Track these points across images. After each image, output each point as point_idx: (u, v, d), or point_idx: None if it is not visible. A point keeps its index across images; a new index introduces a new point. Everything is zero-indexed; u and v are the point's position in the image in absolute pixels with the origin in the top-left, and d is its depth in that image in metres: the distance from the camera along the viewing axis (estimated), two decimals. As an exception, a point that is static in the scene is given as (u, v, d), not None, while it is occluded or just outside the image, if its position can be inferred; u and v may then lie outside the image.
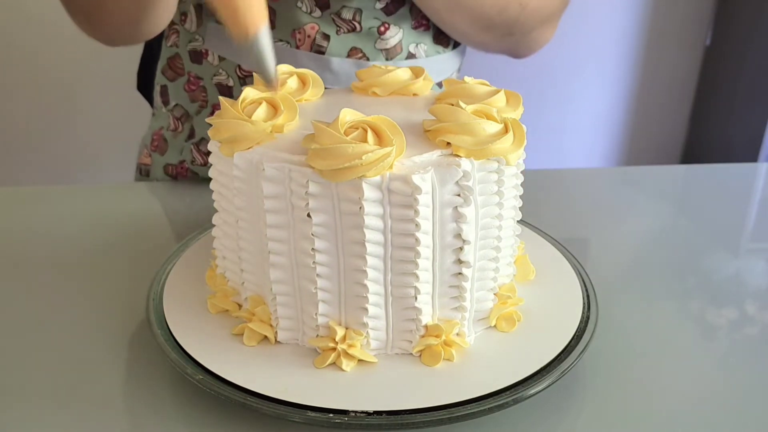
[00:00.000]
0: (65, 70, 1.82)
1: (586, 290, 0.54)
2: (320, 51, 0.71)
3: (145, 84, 0.96)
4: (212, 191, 0.51)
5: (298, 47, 0.71)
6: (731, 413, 0.47)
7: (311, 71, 0.56)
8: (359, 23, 0.70)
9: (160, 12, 0.66)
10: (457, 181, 0.43)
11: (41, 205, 0.76)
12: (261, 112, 0.47)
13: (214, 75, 0.76)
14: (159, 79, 0.83)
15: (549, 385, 0.44)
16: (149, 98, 0.97)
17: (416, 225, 0.43)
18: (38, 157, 1.93)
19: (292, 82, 0.54)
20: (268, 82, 0.45)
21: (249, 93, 0.49)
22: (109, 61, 1.75)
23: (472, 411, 0.42)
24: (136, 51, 0.97)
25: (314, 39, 0.71)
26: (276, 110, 0.48)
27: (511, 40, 0.75)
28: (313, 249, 0.44)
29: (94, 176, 1.96)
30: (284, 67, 0.56)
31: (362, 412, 0.42)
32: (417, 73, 0.57)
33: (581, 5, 1.92)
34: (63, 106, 1.88)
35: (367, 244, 0.43)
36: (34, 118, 1.88)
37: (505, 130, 0.45)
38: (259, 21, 0.43)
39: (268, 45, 0.44)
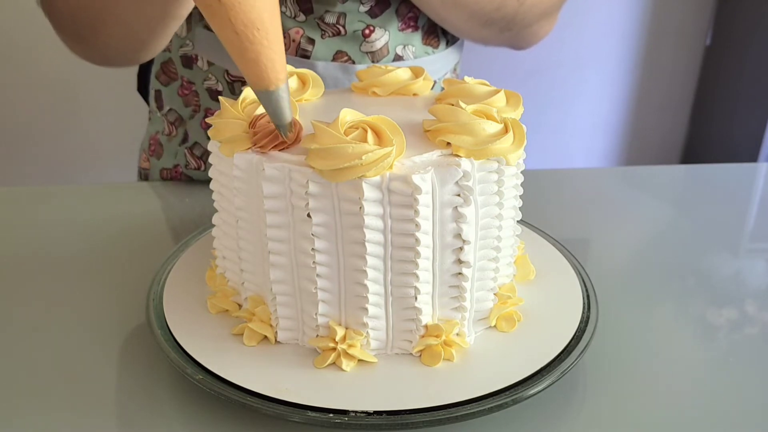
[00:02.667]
0: (66, 70, 1.82)
1: (586, 290, 0.54)
2: (305, 55, 0.71)
3: (145, 86, 0.96)
4: (212, 191, 0.51)
5: None
6: (731, 413, 0.47)
7: (311, 72, 0.56)
8: (343, 27, 0.70)
9: (167, 35, 0.65)
10: (457, 181, 0.43)
11: (41, 205, 0.76)
12: (261, 112, 0.47)
13: (205, 80, 0.76)
14: (153, 84, 0.83)
15: (549, 385, 0.44)
16: (149, 100, 0.97)
17: (416, 225, 0.43)
18: (38, 157, 1.93)
19: (292, 82, 0.54)
20: (282, 132, 0.44)
21: (249, 93, 0.49)
22: (109, 61, 1.75)
23: (472, 411, 0.42)
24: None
25: (299, 43, 0.70)
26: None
27: (510, 34, 0.74)
28: (313, 249, 0.44)
29: (95, 176, 1.96)
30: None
31: (362, 412, 0.42)
32: (417, 73, 0.57)
33: (581, 5, 1.92)
34: (63, 106, 1.88)
35: (367, 244, 0.43)
36: (35, 118, 1.88)
37: (505, 130, 0.45)
38: (280, 76, 0.42)
39: (287, 98, 0.43)
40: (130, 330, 0.53)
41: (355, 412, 0.42)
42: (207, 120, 0.49)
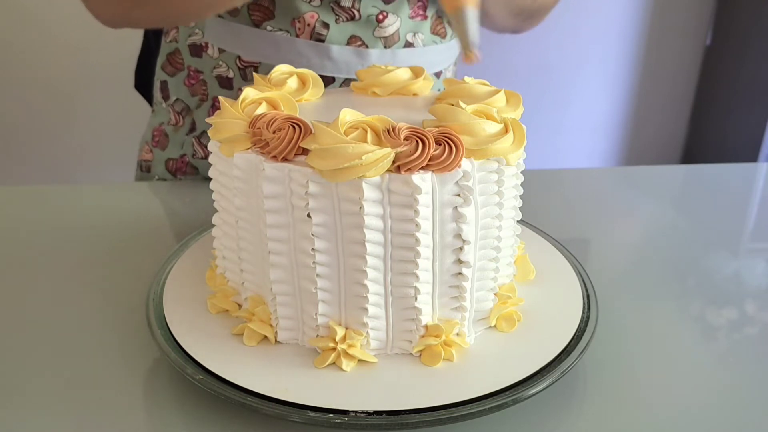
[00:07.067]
0: (64, 70, 1.82)
1: (586, 290, 0.54)
2: (320, 39, 0.72)
3: (142, 82, 0.96)
4: (212, 191, 0.51)
5: (297, 36, 0.72)
6: (731, 413, 0.47)
7: (311, 71, 0.56)
8: (358, 11, 0.71)
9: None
10: (457, 181, 0.43)
11: (41, 205, 0.76)
12: (261, 112, 0.47)
13: (215, 68, 0.77)
14: (158, 75, 0.84)
15: (549, 385, 0.44)
16: (147, 96, 0.97)
17: (416, 225, 0.43)
18: (38, 157, 1.93)
19: (292, 82, 0.54)
20: (469, 48, 0.49)
21: (249, 93, 0.49)
22: (107, 60, 1.76)
23: (472, 411, 0.42)
24: (134, 49, 0.97)
25: (314, 27, 0.71)
26: (276, 110, 0.48)
27: (530, 21, 0.78)
28: (313, 249, 0.44)
29: (94, 175, 1.96)
30: (284, 67, 0.56)
31: (362, 412, 0.42)
32: (417, 73, 0.57)
33: (582, 5, 1.92)
34: (62, 106, 1.88)
35: (367, 244, 0.43)
36: (33, 117, 1.88)
37: (505, 130, 0.45)
38: None
39: (475, 18, 0.49)
40: (130, 330, 0.53)
41: (355, 412, 0.42)
42: (207, 120, 0.49)
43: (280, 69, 0.55)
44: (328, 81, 0.74)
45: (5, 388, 0.48)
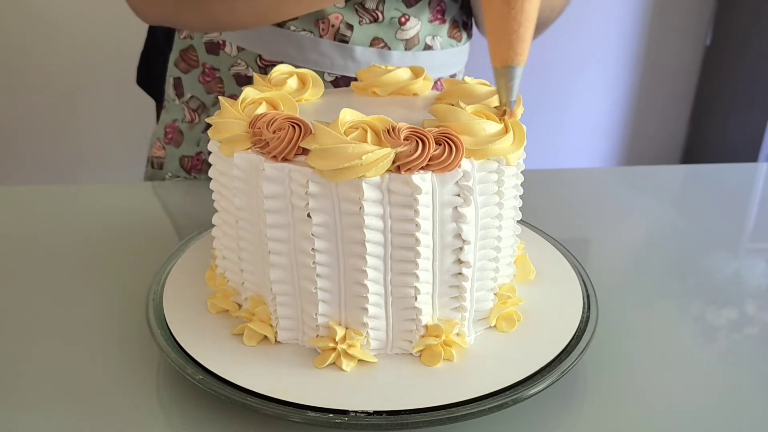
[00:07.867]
0: (65, 69, 1.82)
1: (586, 290, 0.54)
2: (344, 40, 0.73)
3: (146, 78, 0.96)
4: (213, 191, 0.51)
5: (321, 36, 0.73)
6: (731, 413, 0.47)
7: (311, 72, 0.56)
8: (381, 13, 0.72)
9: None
10: (457, 181, 0.43)
11: (42, 205, 0.76)
12: (261, 112, 0.47)
13: (232, 65, 0.77)
14: (171, 72, 0.84)
15: (549, 385, 0.44)
16: (150, 92, 0.97)
17: (416, 225, 0.43)
18: (39, 157, 1.93)
19: (292, 82, 0.54)
20: (507, 106, 0.48)
21: (249, 93, 0.49)
22: (108, 59, 1.76)
23: (472, 411, 0.42)
24: (136, 47, 0.97)
25: (338, 28, 0.72)
26: (276, 110, 0.48)
27: (538, 32, 0.79)
28: (313, 249, 0.44)
29: (94, 175, 1.96)
30: (284, 67, 0.56)
31: (362, 412, 0.42)
32: (417, 73, 0.57)
33: (582, 5, 1.92)
34: (63, 105, 1.88)
35: (367, 244, 0.43)
36: (33, 117, 1.89)
37: (505, 130, 0.45)
38: (524, 57, 0.47)
39: (519, 80, 0.48)
40: (130, 330, 0.53)
41: (355, 412, 0.42)
42: (207, 120, 0.49)
43: (280, 69, 0.55)
44: (350, 81, 0.74)
45: (4, 387, 0.48)
